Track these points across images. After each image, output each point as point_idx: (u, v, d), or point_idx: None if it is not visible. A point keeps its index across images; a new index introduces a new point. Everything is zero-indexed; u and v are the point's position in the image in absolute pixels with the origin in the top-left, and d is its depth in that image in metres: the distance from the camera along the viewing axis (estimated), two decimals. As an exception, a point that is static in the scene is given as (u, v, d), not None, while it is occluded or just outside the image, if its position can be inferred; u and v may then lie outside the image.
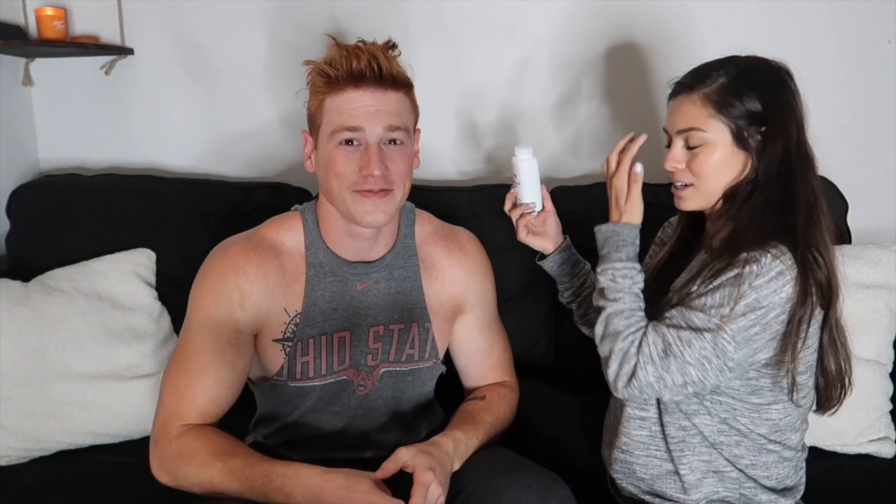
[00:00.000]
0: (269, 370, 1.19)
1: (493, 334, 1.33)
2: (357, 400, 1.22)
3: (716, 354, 1.04)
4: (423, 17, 1.77)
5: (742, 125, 1.10)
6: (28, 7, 1.71)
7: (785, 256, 1.04)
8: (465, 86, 1.81)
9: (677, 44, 1.74)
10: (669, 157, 1.17)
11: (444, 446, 1.10)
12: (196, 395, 1.10)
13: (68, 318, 1.42)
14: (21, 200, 1.62)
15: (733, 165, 1.12)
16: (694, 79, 1.14)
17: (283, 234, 1.19)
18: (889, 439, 1.42)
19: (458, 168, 1.86)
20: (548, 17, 1.77)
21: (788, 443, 1.15)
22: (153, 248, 1.58)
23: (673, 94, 1.18)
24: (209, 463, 1.04)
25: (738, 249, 1.06)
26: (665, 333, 1.06)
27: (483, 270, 1.32)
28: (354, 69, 1.08)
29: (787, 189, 1.10)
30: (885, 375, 1.44)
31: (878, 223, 1.82)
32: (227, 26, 1.78)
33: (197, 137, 1.85)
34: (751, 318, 1.03)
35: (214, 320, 1.12)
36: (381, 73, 1.09)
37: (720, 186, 1.13)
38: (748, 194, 1.11)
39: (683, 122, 1.14)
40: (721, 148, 1.12)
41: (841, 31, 1.76)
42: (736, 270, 1.04)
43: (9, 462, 1.35)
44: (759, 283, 1.03)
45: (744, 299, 1.03)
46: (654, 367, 1.05)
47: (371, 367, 1.21)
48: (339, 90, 1.10)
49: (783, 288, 1.03)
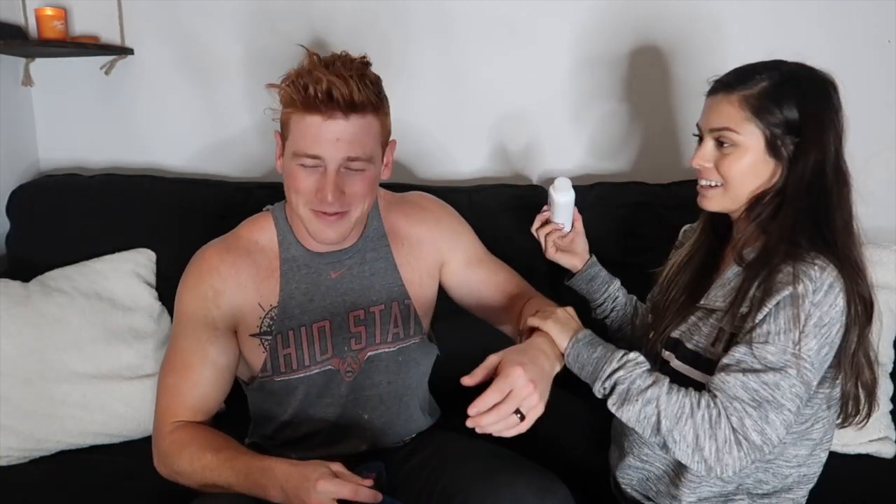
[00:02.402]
0: (254, 368, 1.21)
1: (487, 264, 1.33)
2: (346, 387, 1.22)
3: (805, 389, 1.00)
4: (424, 15, 1.77)
5: (777, 133, 1.07)
6: (28, 7, 1.71)
7: (830, 268, 1.01)
8: (465, 85, 1.81)
9: (680, 45, 1.74)
10: (698, 155, 1.14)
11: (538, 344, 1.08)
12: (184, 392, 1.15)
13: (68, 318, 1.42)
14: (21, 200, 1.62)
15: (761, 172, 1.09)
16: (735, 79, 1.11)
17: (257, 233, 1.22)
18: (889, 439, 1.42)
19: (458, 168, 1.86)
20: (546, 17, 1.77)
21: (816, 459, 1.13)
22: (153, 248, 1.58)
23: (712, 92, 1.14)
24: (198, 458, 1.09)
25: (776, 264, 1.03)
26: (744, 382, 0.99)
27: (445, 219, 1.33)
28: (311, 96, 1.06)
29: (821, 203, 1.07)
30: (885, 375, 1.44)
31: (878, 223, 1.81)
32: (227, 26, 1.78)
33: (197, 137, 1.85)
34: (821, 339, 1.00)
35: (195, 320, 1.16)
36: (341, 100, 1.06)
37: (746, 191, 1.11)
38: (777, 205, 1.08)
39: (718, 121, 1.11)
40: (752, 153, 1.09)
41: (841, 31, 1.76)
42: (789, 289, 0.99)
43: (9, 462, 1.35)
44: (818, 299, 0.99)
45: (810, 319, 0.99)
46: (751, 420, 0.98)
47: (356, 352, 1.22)
48: (302, 113, 1.08)
49: (836, 301, 1.00)
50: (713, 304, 1.11)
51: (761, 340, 1.00)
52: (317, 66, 1.08)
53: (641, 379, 1.03)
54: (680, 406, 1.01)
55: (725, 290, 1.10)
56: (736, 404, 0.99)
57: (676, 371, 1.11)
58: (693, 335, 1.12)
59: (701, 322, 1.12)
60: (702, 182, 1.15)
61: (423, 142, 1.82)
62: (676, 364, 1.12)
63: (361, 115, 1.09)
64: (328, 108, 1.06)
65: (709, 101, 1.14)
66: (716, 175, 1.12)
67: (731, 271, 1.12)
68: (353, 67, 1.09)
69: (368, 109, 1.10)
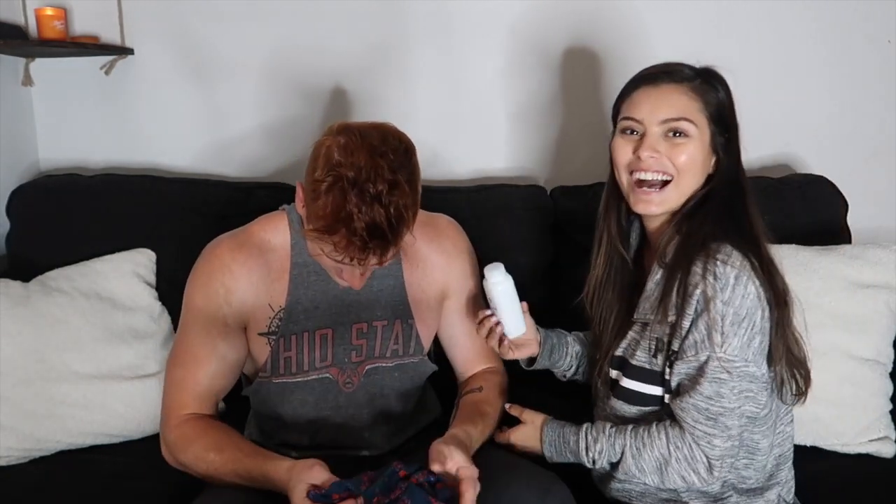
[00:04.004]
0: (258, 364, 1.22)
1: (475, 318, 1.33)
2: (345, 397, 1.22)
3: (751, 381, 1.02)
4: (423, 16, 1.77)
5: (718, 126, 1.08)
6: (28, 7, 1.71)
7: (733, 257, 1.01)
8: (465, 85, 1.81)
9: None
10: (647, 145, 1.08)
11: (463, 440, 1.11)
12: (191, 386, 1.16)
13: (68, 318, 1.42)
14: (21, 200, 1.62)
15: (706, 166, 1.10)
16: (676, 70, 1.10)
17: (270, 232, 1.22)
18: (889, 439, 1.42)
19: (458, 168, 1.86)
20: (546, 16, 1.77)
21: (784, 436, 1.16)
22: (153, 248, 1.58)
23: (651, 81, 1.10)
24: (202, 458, 1.11)
25: (691, 262, 1.03)
26: (695, 403, 1.03)
27: (464, 253, 1.32)
28: (348, 259, 1.02)
29: (739, 199, 1.08)
30: (884, 375, 1.43)
31: (878, 223, 1.82)
32: (227, 26, 1.78)
33: (197, 137, 1.85)
34: (744, 334, 1.01)
35: (204, 316, 1.17)
36: (373, 260, 1.02)
37: (693, 186, 1.09)
38: (699, 202, 1.09)
39: (672, 110, 1.07)
40: (702, 145, 1.08)
41: (841, 31, 1.76)
42: (699, 289, 1.01)
43: (9, 462, 1.34)
44: (727, 296, 1.00)
45: (726, 319, 1.00)
46: (717, 438, 1.03)
47: (355, 364, 1.22)
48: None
49: (748, 290, 1.00)
50: (644, 317, 1.11)
51: (691, 354, 1.03)
52: (348, 233, 1.00)
53: (609, 454, 1.10)
54: (655, 460, 1.07)
55: (651, 300, 1.10)
56: (699, 429, 1.04)
57: (627, 389, 1.13)
58: (635, 351, 1.12)
59: (639, 336, 1.12)
60: (648, 176, 1.09)
61: (423, 141, 1.81)
62: (626, 382, 1.13)
63: (397, 245, 1.04)
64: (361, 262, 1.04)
65: (649, 91, 1.10)
66: (670, 166, 1.08)
67: (653, 280, 1.11)
68: (392, 197, 1.00)
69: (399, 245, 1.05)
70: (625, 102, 1.13)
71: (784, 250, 1.46)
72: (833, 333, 1.40)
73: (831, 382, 1.37)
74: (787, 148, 1.83)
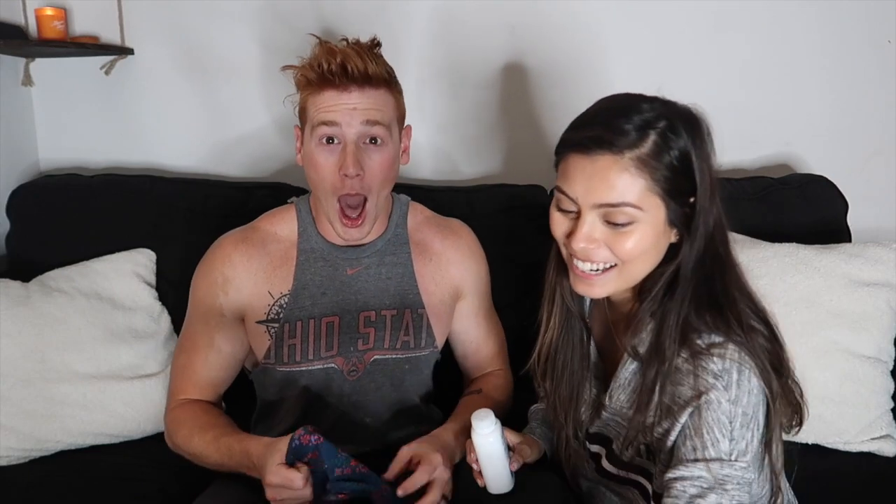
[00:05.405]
0: (259, 355, 1.23)
1: (489, 323, 1.35)
2: (350, 386, 1.22)
3: (746, 491, 0.87)
4: (423, 16, 1.77)
5: (674, 198, 0.88)
6: (28, 7, 1.71)
7: (729, 350, 0.88)
8: (464, 85, 1.81)
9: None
10: (580, 236, 0.89)
11: (445, 437, 1.13)
12: (190, 373, 1.21)
13: (68, 318, 1.42)
14: (21, 200, 1.62)
15: (662, 246, 0.91)
16: (615, 132, 0.86)
17: (277, 224, 1.26)
18: (891, 437, 1.42)
19: (458, 168, 1.86)
20: (545, 16, 1.77)
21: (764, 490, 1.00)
22: (153, 248, 1.58)
23: (582, 149, 0.88)
24: (188, 441, 1.15)
25: (670, 356, 0.89)
26: None
27: (478, 256, 1.34)
28: (327, 70, 1.10)
29: (716, 271, 0.91)
30: (886, 373, 1.43)
31: (878, 223, 1.82)
32: (227, 26, 1.78)
33: (197, 137, 1.85)
34: (751, 431, 0.87)
35: (204, 306, 1.22)
36: (356, 72, 1.10)
37: (646, 269, 0.92)
38: (669, 283, 0.91)
39: (611, 193, 0.86)
40: (654, 226, 0.88)
41: (841, 31, 1.76)
42: (696, 402, 0.87)
43: (9, 462, 1.34)
44: (733, 395, 0.86)
45: (735, 421, 0.86)
46: None
47: (361, 352, 1.22)
48: (319, 90, 1.13)
49: (751, 383, 0.87)
50: (619, 407, 0.99)
51: (690, 458, 0.87)
52: (326, 47, 1.12)
53: None
54: None
55: (627, 392, 0.97)
56: None
57: (611, 473, 1.01)
58: (612, 438, 1.01)
59: (613, 423, 1.00)
60: (585, 267, 0.92)
61: (423, 141, 1.82)
62: (609, 467, 1.02)
63: (376, 88, 1.13)
64: (343, 81, 1.11)
65: (583, 164, 0.88)
66: (609, 256, 0.91)
67: (627, 370, 0.97)
68: (368, 46, 1.15)
69: (382, 84, 1.14)
70: (559, 166, 0.94)
71: (784, 249, 1.46)
72: (834, 331, 1.40)
73: (832, 380, 1.38)
74: (787, 148, 1.83)
